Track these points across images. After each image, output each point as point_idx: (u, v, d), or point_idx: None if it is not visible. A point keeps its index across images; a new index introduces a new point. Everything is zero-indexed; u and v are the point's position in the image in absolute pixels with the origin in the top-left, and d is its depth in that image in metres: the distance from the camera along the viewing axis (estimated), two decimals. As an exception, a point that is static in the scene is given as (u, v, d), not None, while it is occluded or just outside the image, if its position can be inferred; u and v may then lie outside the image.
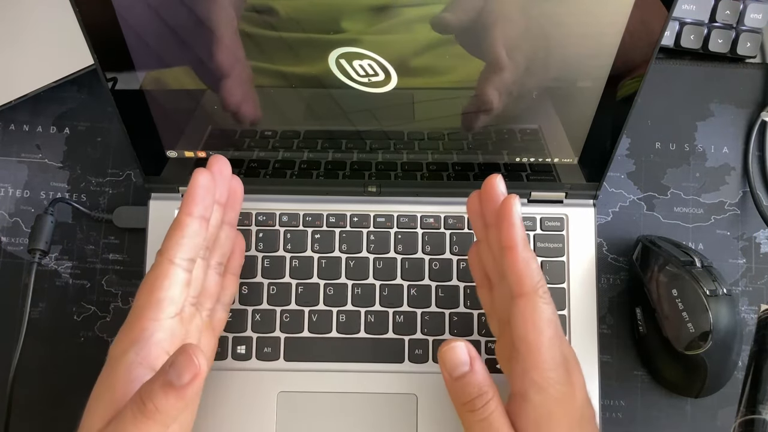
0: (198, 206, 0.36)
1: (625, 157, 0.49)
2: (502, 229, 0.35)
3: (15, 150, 0.48)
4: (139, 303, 0.35)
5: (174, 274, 0.35)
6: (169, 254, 0.35)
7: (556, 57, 0.37)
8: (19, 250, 0.47)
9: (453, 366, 0.34)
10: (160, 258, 0.35)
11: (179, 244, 0.35)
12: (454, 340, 0.34)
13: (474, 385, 0.34)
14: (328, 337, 0.44)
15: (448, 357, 0.34)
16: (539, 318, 0.34)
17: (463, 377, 0.34)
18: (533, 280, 0.35)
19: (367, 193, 0.45)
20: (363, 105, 0.40)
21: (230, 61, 0.37)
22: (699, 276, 0.41)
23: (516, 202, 0.35)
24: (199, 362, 0.29)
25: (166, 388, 0.29)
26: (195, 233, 0.36)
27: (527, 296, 0.35)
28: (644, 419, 0.46)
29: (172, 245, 0.35)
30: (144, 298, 0.35)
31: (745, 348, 0.44)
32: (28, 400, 0.45)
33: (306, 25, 0.36)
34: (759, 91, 0.50)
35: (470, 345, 0.35)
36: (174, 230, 0.36)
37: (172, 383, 0.29)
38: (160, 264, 0.35)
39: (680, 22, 0.49)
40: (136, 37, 0.36)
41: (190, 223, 0.35)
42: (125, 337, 0.34)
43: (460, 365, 0.34)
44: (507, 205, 0.35)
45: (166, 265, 0.35)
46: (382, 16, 0.35)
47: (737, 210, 0.49)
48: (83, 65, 0.45)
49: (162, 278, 0.35)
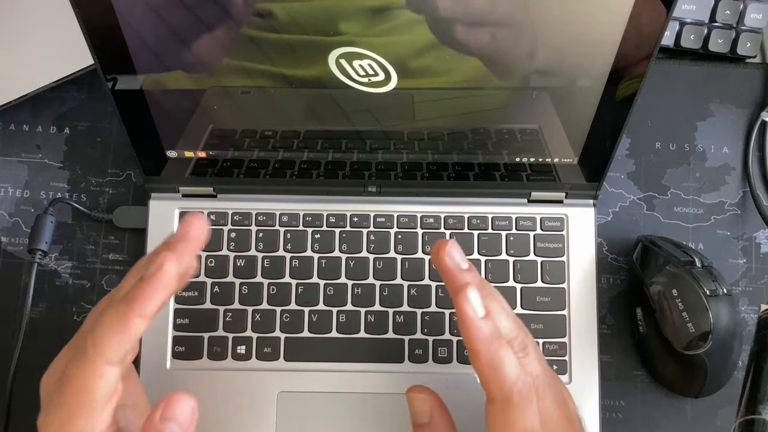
0: (154, 306, 0.30)
1: (625, 157, 0.49)
2: (461, 329, 0.32)
3: (15, 150, 0.48)
4: (69, 402, 0.29)
5: (110, 375, 0.29)
6: (108, 356, 0.29)
7: (556, 57, 0.37)
8: (19, 250, 0.47)
9: (414, 413, 0.35)
10: (93, 354, 0.29)
11: (120, 345, 0.29)
12: (419, 390, 0.36)
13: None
14: (328, 337, 0.44)
15: (410, 404, 0.36)
16: (510, 430, 0.32)
17: (421, 428, 0.35)
18: (504, 386, 0.32)
19: (367, 193, 0.45)
20: (363, 105, 0.40)
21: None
22: (699, 276, 0.41)
23: (470, 296, 0.32)
24: (193, 402, 0.29)
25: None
26: (140, 333, 0.30)
27: (496, 403, 0.32)
28: (644, 419, 0.46)
29: (113, 347, 0.29)
30: (74, 398, 0.29)
31: (745, 348, 0.44)
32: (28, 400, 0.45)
33: (306, 27, 0.36)
34: (759, 91, 0.50)
35: (433, 396, 0.35)
36: (117, 329, 0.29)
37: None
38: (94, 363, 0.29)
39: (680, 22, 0.49)
40: (136, 37, 0.36)
41: (137, 325, 0.29)
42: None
43: (420, 414, 0.35)
44: (462, 308, 0.32)
45: (102, 368, 0.29)
46: (381, 17, 0.35)
47: (737, 210, 0.49)
48: (83, 65, 0.45)
49: (96, 379, 0.29)
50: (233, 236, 0.45)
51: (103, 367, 0.29)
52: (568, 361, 0.44)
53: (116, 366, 0.30)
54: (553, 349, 0.44)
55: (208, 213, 0.45)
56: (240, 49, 0.37)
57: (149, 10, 0.35)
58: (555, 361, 0.44)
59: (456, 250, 0.34)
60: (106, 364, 0.29)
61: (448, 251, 0.34)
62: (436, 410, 0.35)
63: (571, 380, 0.43)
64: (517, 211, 0.45)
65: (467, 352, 0.33)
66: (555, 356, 0.44)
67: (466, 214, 0.45)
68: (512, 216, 0.45)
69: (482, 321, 0.32)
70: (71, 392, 0.29)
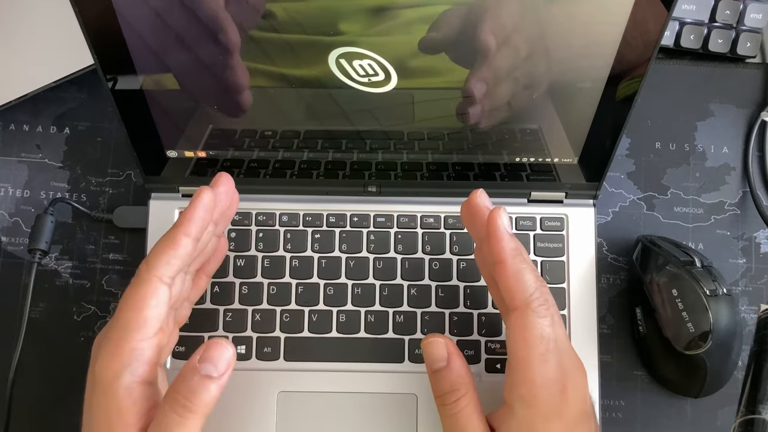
0: (196, 227, 0.35)
1: (625, 157, 0.49)
2: (491, 244, 0.36)
3: (15, 150, 0.48)
4: (124, 321, 0.33)
5: (161, 293, 0.34)
6: (158, 272, 0.34)
7: (556, 57, 0.37)
8: (19, 250, 0.47)
9: (431, 360, 0.37)
10: (147, 274, 0.33)
11: (170, 264, 0.34)
12: (436, 336, 0.37)
13: (448, 381, 0.36)
14: (328, 337, 0.44)
15: (427, 351, 0.37)
16: (530, 334, 0.34)
17: (440, 371, 0.36)
18: (525, 293, 0.34)
19: (367, 193, 0.45)
20: (363, 105, 0.40)
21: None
22: (699, 276, 0.41)
23: (502, 214, 0.36)
24: (232, 350, 0.32)
25: (205, 382, 0.31)
26: (187, 254, 0.35)
27: (518, 311, 0.35)
28: (644, 419, 0.46)
29: (162, 263, 0.34)
30: (130, 315, 0.33)
31: (745, 348, 0.45)
32: (28, 400, 0.45)
33: (306, 27, 0.36)
34: (759, 91, 0.50)
35: (451, 342, 0.37)
36: (167, 247, 0.34)
37: (211, 375, 0.31)
38: (148, 281, 0.33)
39: (680, 22, 0.49)
40: (136, 37, 0.36)
41: (185, 244, 0.34)
42: (114, 359, 0.32)
43: (438, 360, 0.36)
44: (492, 220, 0.36)
45: (154, 283, 0.33)
46: (381, 17, 0.35)
47: (737, 210, 0.49)
48: (83, 65, 0.45)
49: (149, 297, 0.33)
50: (233, 236, 0.45)
51: (156, 284, 0.33)
52: (568, 361, 0.44)
53: (167, 286, 0.34)
54: (553, 349, 0.44)
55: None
56: (240, 49, 0.37)
57: (149, 10, 0.35)
58: (555, 361, 0.44)
59: (485, 196, 0.38)
60: (159, 281, 0.33)
61: (479, 195, 0.38)
62: (453, 353, 0.37)
63: (571, 380, 0.43)
64: (517, 210, 0.45)
65: (493, 265, 0.36)
66: (555, 356, 0.44)
67: (466, 214, 0.45)
68: (512, 216, 0.45)
69: (510, 236, 0.36)
70: (127, 309, 0.33)
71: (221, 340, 0.33)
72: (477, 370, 0.43)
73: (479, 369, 0.43)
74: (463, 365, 0.36)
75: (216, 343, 0.32)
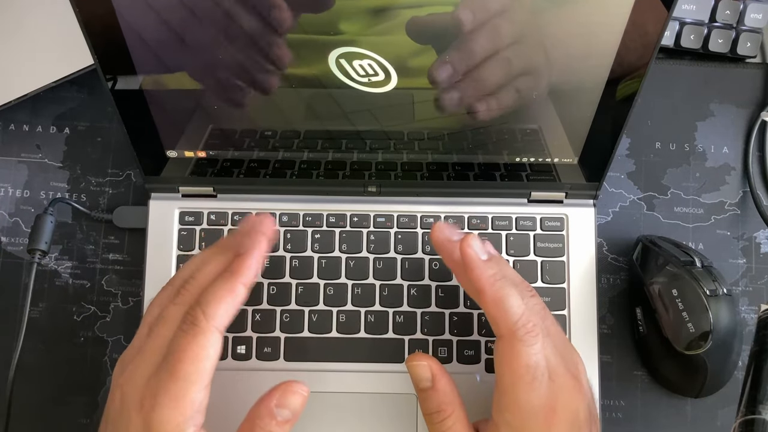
0: (253, 276, 0.35)
1: (625, 157, 0.49)
2: (468, 275, 0.35)
3: (15, 150, 0.48)
4: (185, 374, 0.32)
5: (218, 343, 0.33)
6: (216, 322, 0.33)
7: (556, 57, 0.37)
8: (19, 250, 0.47)
9: (416, 380, 0.37)
10: (206, 324, 0.33)
11: (228, 313, 0.34)
12: (418, 357, 0.37)
13: (434, 401, 0.36)
14: (328, 337, 0.44)
15: (412, 372, 0.37)
16: (517, 364, 0.34)
17: (426, 392, 0.37)
18: (509, 321, 0.34)
19: (367, 193, 0.46)
20: (363, 105, 0.40)
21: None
22: (699, 276, 0.41)
23: (472, 243, 0.36)
24: (306, 395, 0.35)
25: (283, 425, 0.34)
26: (242, 302, 0.35)
27: (504, 339, 0.34)
28: (644, 419, 0.46)
29: (220, 314, 0.33)
30: (190, 368, 0.32)
31: (745, 348, 0.45)
32: (28, 400, 0.45)
33: (305, 27, 0.36)
34: (759, 91, 0.50)
35: (435, 363, 0.37)
36: (225, 297, 0.34)
37: (288, 420, 0.34)
38: (208, 332, 0.33)
39: (680, 22, 0.49)
40: (136, 37, 0.36)
41: (242, 293, 0.34)
42: (176, 412, 0.32)
43: (423, 380, 0.37)
44: (464, 252, 0.35)
45: (213, 334, 0.33)
46: (381, 17, 0.35)
47: (737, 210, 0.49)
48: (83, 65, 0.45)
49: (209, 348, 0.33)
50: (233, 236, 0.45)
51: (215, 335, 0.33)
52: (568, 361, 0.44)
53: (222, 335, 0.33)
54: (553, 349, 0.44)
55: (207, 213, 0.45)
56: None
57: (149, 10, 0.35)
58: (555, 361, 0.44)
59: (446, 228, 0.38)
60: (217, 332, 0.33)
61: (439, 229, 0.38)
62: (438, 374, 0.37)
63: (571, 380, 0.43)
64: (517, 211, 0.45)
65: (475, 294, 0.35)
66: (555, 356, 0.44)
67: (466, 214, 0.45)
68: (512, 216, 0.45)
69: (485, 262, 0.35)
70: (188, 361, 0.32)
71: (296, 385, 0.35)
72: (477, 370, 0.43)
73: (479, 369, 0.43)
74: (449, 385, 0.37)
75: (292, 391, 0.35)
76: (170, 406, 0.32)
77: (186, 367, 0.32)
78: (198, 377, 0.32)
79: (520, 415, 0.34)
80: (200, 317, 0.33)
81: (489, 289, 0.34)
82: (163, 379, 0.32)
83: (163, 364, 0.33)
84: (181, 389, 0.32)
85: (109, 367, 0.46)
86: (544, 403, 0.33)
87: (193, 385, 0.32)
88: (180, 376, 0.32)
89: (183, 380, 0.32)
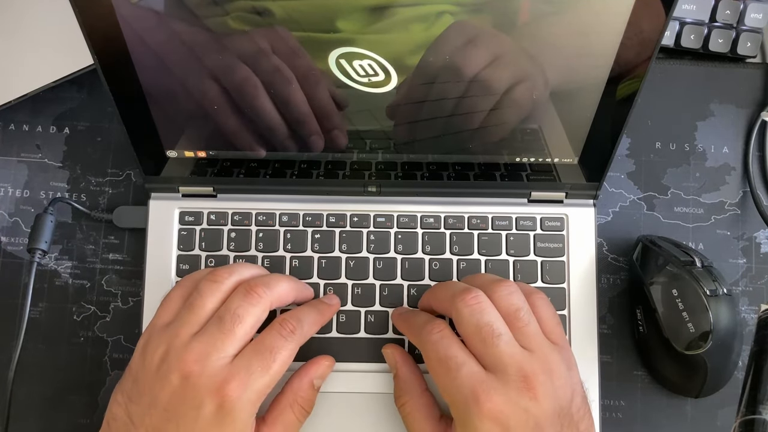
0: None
1: (625, 157, 0.49)
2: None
3: (15, 150, 0.48)
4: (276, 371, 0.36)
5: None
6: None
7: (556, 57, 0.37)
8: (19, 249, 0.47)
9: (389, 367, 0.42)
10: (300, 336, 0.38)
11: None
12: (389, 346, 0.42)
13: (397, 387, 0.41)
14: (328, 337, 0.44)
15: (385, 359, 0.43)
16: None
17: (395, 378, 0.41)
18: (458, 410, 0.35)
19: (367, 193, 0.45)
20: (363, 105, 0.40)
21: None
22: (699, 276, 0.41)
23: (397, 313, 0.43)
24: (331, 361, 0.42)
25: (317, 391, 0.41)
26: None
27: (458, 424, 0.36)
28: (644, 419, 0.46)
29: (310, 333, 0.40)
30: (282, 367, 0.37)
31: (745, 348, 0.44)
32: (28, 400, 0.45)
33: (304, 25, 0.36)
34: (759, 91, 0.50)
35: (399, 352, 0.42)
36: (318, 322, 0.41)
37: (320, 387, 0.41)
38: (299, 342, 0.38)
39: (680, 22, 0.49)
40: (136, 36, 0.36)
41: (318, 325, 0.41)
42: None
43: (392, 368, 0.42)
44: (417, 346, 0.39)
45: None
46: (379, 15, 0.35)
47: (737, 210, 0.49)
48: (83, 65, 0.45)
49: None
50: (233, 236, 0.45)
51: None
52: (568, 361, 0.44)
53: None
54: (553, 349, 0.44)
55: (207, 213, 0.45)
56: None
57: (149, 10, 0.35)
58: (555, 361, 0.43)
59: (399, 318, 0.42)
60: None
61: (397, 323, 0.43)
62: (399, 362, 0.41)
63: (571, 380, 0.43)
64: (517, 211, 0.45)
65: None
66: (555, 356, 0.44)
67: (466, 214, 0.45)
68: (512, 216, 0.45)
69: (436, 343, 0.37)
70: (282, 364, 0.36)
71: (323, 359, 0.41)
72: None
73: (479, 369, 0.43)
74: (409, 373, 0.40)
75: (324, 364, 0.41)
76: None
77: (279, 368, 0.36)
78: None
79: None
80: (299, 333, 0.38)
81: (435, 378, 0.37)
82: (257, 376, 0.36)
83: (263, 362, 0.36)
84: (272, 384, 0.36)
85: (109, 367, 0.46)
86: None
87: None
88: (274, 374, 0.36)
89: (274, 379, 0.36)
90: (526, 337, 0.36)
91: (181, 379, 0.34)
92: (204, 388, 0.34)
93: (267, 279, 0.38)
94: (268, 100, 0.39)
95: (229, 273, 0.38)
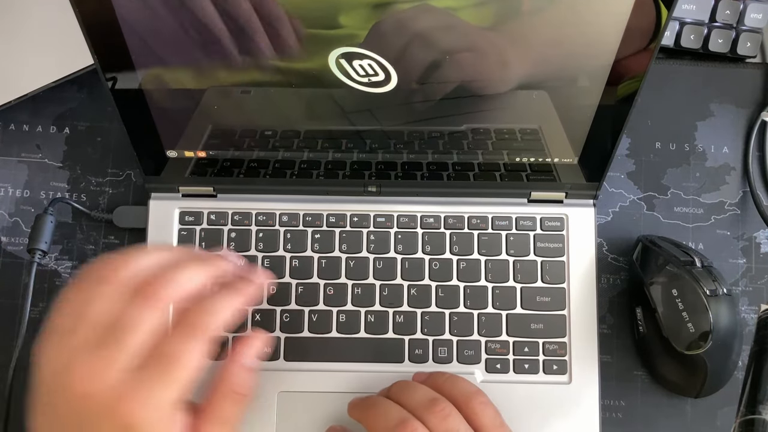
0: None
1: (625, 157, 0.49)
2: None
3: (15, 150, 0.48)
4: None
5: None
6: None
7: (556, 57, 0.37)
8: (19, 250, 0.47)
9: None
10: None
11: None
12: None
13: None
14: (328, 337, 0.44)
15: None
16: None
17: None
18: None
19: (367, 193, 0.46)
20: (363, 105, 0.40)
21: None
22: (699, 276, 0.41)
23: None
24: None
25: (249, 374, 0.35)
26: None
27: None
28: (644, 419, 0.46)
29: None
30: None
31: (745, 348, 0.44)
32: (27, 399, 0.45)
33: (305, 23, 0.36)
34: (759, 91, 0.50)
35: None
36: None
37: (251, 368, 0.35)
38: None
39: (680, 22, 0.49)
40: (136, 36, 0.36)
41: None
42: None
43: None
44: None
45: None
46: (380, 13, 0.35)
47: (737, 210, 0.49)
48: (83, 65, 0.45)
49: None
50: (233, 236, 0.45)
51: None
52: (568, 361, 0.44)
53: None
54: (553, 349, 0.44)
55: (207, 213, 0.45)
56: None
57: (149, 10, 0.35)
58: (555, 361, 0.44)
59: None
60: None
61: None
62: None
63: (571, 380, 0.43)
64: (517, 211, 0.45)
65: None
66: (555, 356, 0.44)
67: (466, 214, 0.45)
68: (512, 216, 0.45)
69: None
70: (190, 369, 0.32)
71: (255, 337, 0.36)
72: (477, 370, 0.43)
73: (479, 369, 0.43)
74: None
75: (255, 344, 0.36)
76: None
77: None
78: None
79: None
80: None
81: None
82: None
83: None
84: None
85: (109, 367, 0.46)
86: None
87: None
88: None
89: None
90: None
91: (74, 400, 0.30)
92: (95, 412, 0.29)
93: (166, 273, 0.33)
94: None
95: (124, 266, 0.32)
